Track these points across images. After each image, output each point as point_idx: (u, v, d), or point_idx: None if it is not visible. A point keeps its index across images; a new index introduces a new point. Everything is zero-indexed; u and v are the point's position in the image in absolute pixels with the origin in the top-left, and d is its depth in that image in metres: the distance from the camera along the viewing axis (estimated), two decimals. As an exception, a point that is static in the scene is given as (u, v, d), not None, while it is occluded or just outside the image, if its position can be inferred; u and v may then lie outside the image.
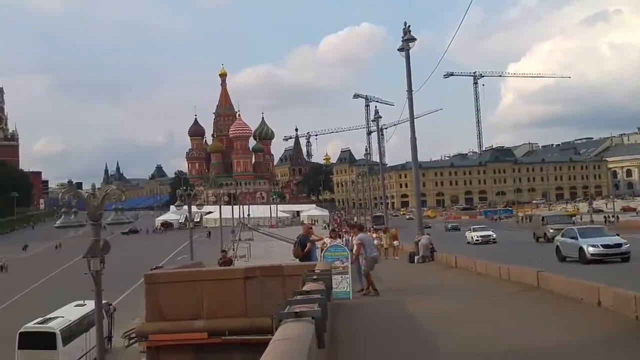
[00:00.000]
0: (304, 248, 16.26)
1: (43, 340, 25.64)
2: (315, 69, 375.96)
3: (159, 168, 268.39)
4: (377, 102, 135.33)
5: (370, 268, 14.85)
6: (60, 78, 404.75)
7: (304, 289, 7.59)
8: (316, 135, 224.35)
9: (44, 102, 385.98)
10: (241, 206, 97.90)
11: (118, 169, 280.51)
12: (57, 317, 28.40)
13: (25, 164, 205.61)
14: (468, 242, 47.40)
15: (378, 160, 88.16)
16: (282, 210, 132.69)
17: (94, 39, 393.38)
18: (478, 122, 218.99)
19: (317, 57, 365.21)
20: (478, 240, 46.86)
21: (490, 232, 49.15)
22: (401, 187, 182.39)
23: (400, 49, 27.23)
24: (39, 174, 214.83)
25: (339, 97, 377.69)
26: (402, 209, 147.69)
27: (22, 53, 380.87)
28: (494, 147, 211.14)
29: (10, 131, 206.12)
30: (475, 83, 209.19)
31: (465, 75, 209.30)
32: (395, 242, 31.91)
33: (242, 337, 11.95)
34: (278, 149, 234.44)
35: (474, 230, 50.61)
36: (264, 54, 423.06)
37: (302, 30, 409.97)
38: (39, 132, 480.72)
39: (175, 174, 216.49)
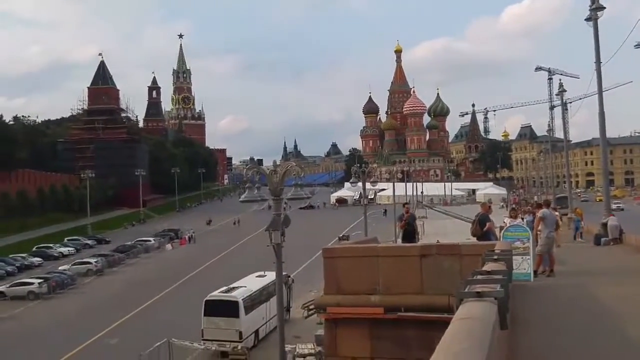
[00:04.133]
0: (483, 227, 15.76)
1: (227, 308, 27.28)
2: (495, 41, 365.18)
3: (334, 145, 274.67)
4: (561, 74, 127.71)
5: (545, 249, 14.13)
6: (244, 59, 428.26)
7: (484, 269, 7.36)
8: (494, 110, 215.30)
9: (229, 82, 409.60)
10: (414, 184, 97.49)
11: (296, 146, 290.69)
12: (240, 286, 30.12)
13: (211, 142, 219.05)
14: None
15: (561, 137, 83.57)
16: (457, 188, 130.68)
17: (276, 21, 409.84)
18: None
19: (498, 28, 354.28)
20: None
21: None
22: (586, 165, 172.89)
23: (587, 19, 25.62)
24: (223, 151, 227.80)
25: (519, 70, 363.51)
26: (598, 193, 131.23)
27: (209, 36, 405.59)
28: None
29: (197, 110, 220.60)
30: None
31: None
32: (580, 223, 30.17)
33: (418, 314, 11.87)
34: (453, 125, 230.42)
35: None
36: (440, 28, 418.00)
37: (482, 1, 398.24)
38: (223, 111, 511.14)
39: (349, 151, 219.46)
